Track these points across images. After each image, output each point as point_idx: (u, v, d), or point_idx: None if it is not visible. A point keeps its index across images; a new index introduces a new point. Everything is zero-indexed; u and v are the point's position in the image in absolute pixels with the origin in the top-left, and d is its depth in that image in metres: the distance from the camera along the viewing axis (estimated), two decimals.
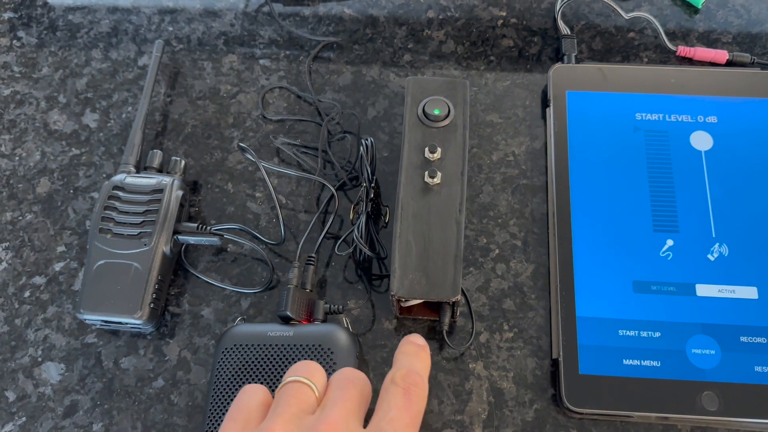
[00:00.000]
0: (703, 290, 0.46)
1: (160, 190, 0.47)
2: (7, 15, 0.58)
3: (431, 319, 0.46)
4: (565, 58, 0.53)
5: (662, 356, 0.44)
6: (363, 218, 0.46)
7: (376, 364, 0.45)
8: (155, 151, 0.50)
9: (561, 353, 0.44)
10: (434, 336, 0.46)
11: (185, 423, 0.44)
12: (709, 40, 0.55)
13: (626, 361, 0.44)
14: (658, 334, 0.44)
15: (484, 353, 0.45)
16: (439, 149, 0.45)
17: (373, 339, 0.46)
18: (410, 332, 0.46)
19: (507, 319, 0.46)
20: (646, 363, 0.44)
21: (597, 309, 0.45)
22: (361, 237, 0.45)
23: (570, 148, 0.50)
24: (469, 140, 0.45)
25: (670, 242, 0.47)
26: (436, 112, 0.46)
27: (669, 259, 0.46)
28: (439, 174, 0.44)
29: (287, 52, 0.55)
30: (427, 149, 0.45)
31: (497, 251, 0.48)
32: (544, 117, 0.52)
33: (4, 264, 0.49)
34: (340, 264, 0.48)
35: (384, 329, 0.46)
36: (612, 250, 0.47)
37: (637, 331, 0.44)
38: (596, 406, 0.43)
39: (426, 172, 0.44)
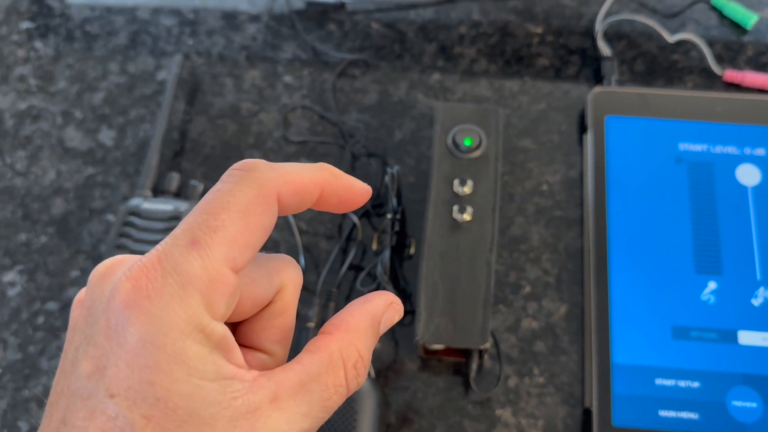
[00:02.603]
0: (746, 338, 0.43)
1: (177, 217, 0.45)
2: (24, 25, 0.56)
3: (457, 360, 0.44)
4: (605, 80, 0.50)
5: (701, 408, 0.41)
6: (387, 253, 0.44)
7: (398, 407, 0.43)
8: (173, 174, 0.48)
9: (594, 402, 0.41)
10: (460, 376, 0.44)
11: None
12: (758, 63, 0.52)
13: (663, 413, 0.41)
14: (697, 384, 0.42)
15: (512, 399, 0.43)
16: (469, 182, 0.42)
17: (396, 380, 0.44)
18: (434, 373, 0.44)
19: (538, 363, 0.44)
20: (684, 415, 0.41)
21: (633, 356, 0.43)
22: (385, 273, 0.43)
23: (608, 178, 0.47)
24: (501, 171, 0.43)
25: (712, 285, 0.44)
26: (467, 143, 0.43)
27: (711, 303, 0.44)
28: (469, 209, 0.42)
29: (311, 69, 0.53)
30: (456, 182, 0.42)
31: (528, 288, 0.46)
32: (581, 143, 0.49)
33: (18, 287, 0.48)
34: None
35: (407, 369, 0.44)
36: (651, 292, 0.44)
37: (675, 381, 0.42)
38: None
39: (455, 207, 0.42)
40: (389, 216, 0.45)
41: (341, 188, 0.24)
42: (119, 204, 0.49)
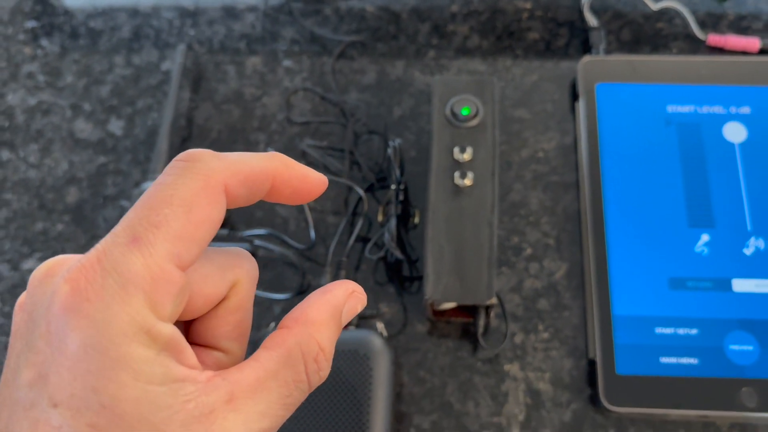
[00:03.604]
0: (739, 285, 0.45)
1: None
2: (29, 24, 0.58)
3: (465, 321, 0.45)
4: (593, 50, 0.52)
5: (700, 353, 0.43)
6: (393, 221, 0.46)
7: (410, 368, 0.45)
8: None
9: (598, 353, 0.43)
10: (468, 337, 0.46)
11: None
12: (740, 27, 0.54)
13: (663, 359, 0.43)
14: (695, 331, 0.44)
15: (519, 354, 0.45)
16: (469, 149, 0.44)
17: (406, 342, 0.46)
18: (443, 334, 0.46)
19: (542, 320, 0.46)
20: (684, 361, 0.43)
21: (633, 307, 0.45)
22: (392, 240, 0.45)
23: (601, 142, 0.49)
24: (498, 138, 0.44)
25: (705, 237, 0.46)
26: (465, 112, 0.45)
27: (704, 254, 0.46)
28: (470, 175, 0.43)
29: (310, 53, 0.55)
30: (456, 150, 0.44)
31: (530, 250, 0.47)
32: (573, 111, 0.51)
33: None
34: (369, 267, 0.48)
35: (417, 332, 0.46)
36: (646, 247, 0.46)
37: (673, 329, 0.44)
38: (634, 405, 0.42)
39: (456, 174, 0.44)
40: (393, 186, 0.47)
41: (294, 178, 0.23)
42: (132, 190, 0.51)
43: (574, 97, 0.52)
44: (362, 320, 0.44)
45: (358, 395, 0.40)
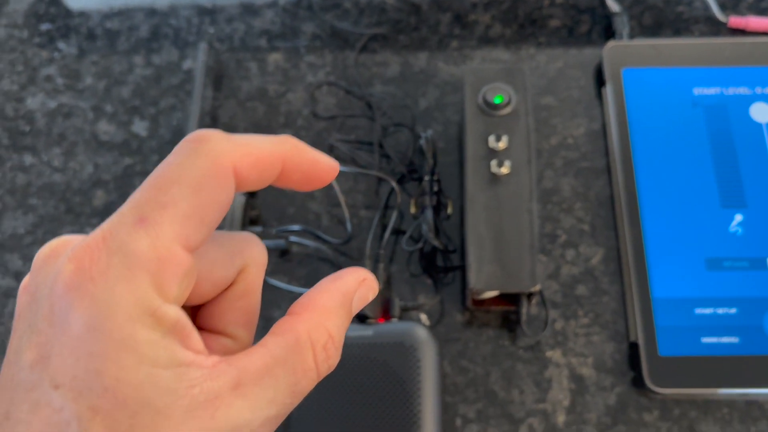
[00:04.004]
0: None
1: None
2: (44, 26, 0.57)
3: (505, 309, 0.45)
4: (617, 35, 0.52)
5: (740, 332, 0.44)
6: (429, 212, 0.46)
7: (452, 358, 0.45)
8: None
9: (640, 336, 0.44)
10: (508, 326, 0.46)
11: None
12: (759, 8, 0.54)
13: (705, 339, 0.44)
14: (734, 311, 0.44)
15: (560, 341, 0.45)
16: (504, 137, 0.44)
17: (446, 332, 0.46)
18: (483, 323, 0.46)
19: (581, 305, 0.46)
20: (725, 340, 0.44)
21: (672, 289, 0.45)
22: (430, 231, 0.45)
23: (631, 127, 0.49)
24: (532, 125, 0.44)
25: (738, 217, 0.46)
26: (497, 100, 0.45)
27: (739, 234, 0.46)
28: (507, 163, 0.43)
29: (332, 47, 0.55)
30: (492, 138, 0.44)
31: (565, 237, 0.48)
32: (599, 96, 0.51)
33: None
34: (402, 259, 0.48)
35: (456, 322, 0.46)
36: (682, 229, 0.46)
37: (713, 309, 0.44)
38: (678, 386, 0.43)
39: (493, 162, 0.44)
40: (427, 178, 0.47)
41: (305, 163, 0.22)
42: None
43: (600, 82, 0.52)
44: (404, 312, 0.44)
45: (407, 387, 0.40)
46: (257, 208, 0.50)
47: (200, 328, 0.23)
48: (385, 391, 0.40)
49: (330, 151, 0.51)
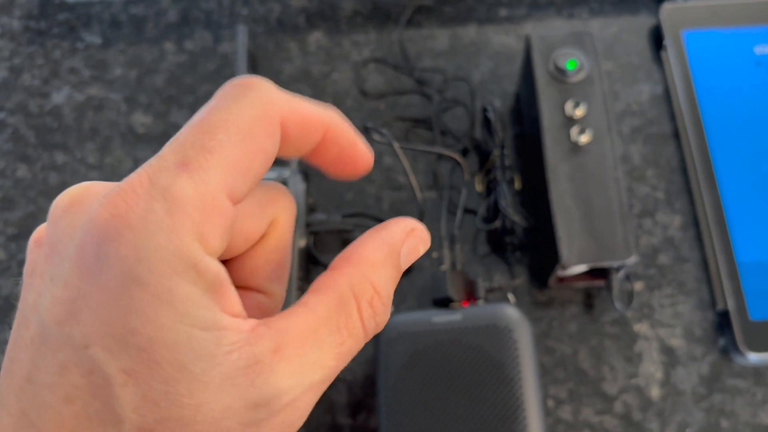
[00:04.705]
0: None
1: (284, 183, 0.44)
2: (63, 16, 0.54)
3: (587, 286, 0.44)
4: None
5: None
6: (504, 187, 0.44)
7: (537, 338, 0.43)
8: None
9: (729, 302, 0.42)
10: (590, 301, 0.44)
11: (350, 422, 0.42)
12: None
13: None
14: None
15: (646, 313, 0.44)
16: (582, 104, 0.42)
17: (528, 312, 0.44)
18: (565, 301, 0.44)
19: (663, 275, 0.44)
20: None
21: (756, 252, 0.44)
22: (508, 206, 0.43)
23: (697, 89, 0.48)
24: (607, 90, 0.43)
25: None
26: (570, 66, 0.43)
27: None
28: (588, 131, 0.42)
29: (375, 22, 0.52)
30: (569, 105, 0.42)
31: (640, 206, 0.46)
32: (658, 60, 0.50)
33: None
34: (468, 241, 0.46)
35: (537, 301, 0.44)
36: (760, 189, 0.45)
37: None
38: None
39: (572, 131, 0.42)
40: (497, 152, 0.45)
41: (345, 139, 0.21)
42: None
43: (657, 46, 0.50)
44: (489, 294, 0.42)
45: (506, 370, 0.38)
46: (312, 195, 0.47)
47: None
48: (483, 376, 0.38)
49: (386, 129, 0.49)
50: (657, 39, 0.50)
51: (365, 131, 0.45)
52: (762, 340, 0.42)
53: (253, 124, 0.18)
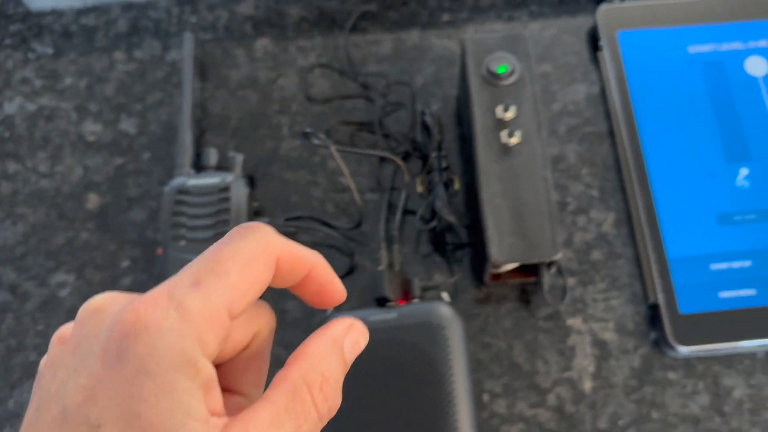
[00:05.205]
0: None
1: (226, 188, 0.45)
2: (15, 27, 0.55)
3: (523, 282, 0.45)
4: None
5: (756, 283, 0.44)
6: (441, 188, 0.45)
7: (473, 334, 0.44)
8: (210, 149, 0.48)
9: (660, 296, 0.44)
10: (525, 297, 0.45)
11: None
12: None
13: (723, 294, 0.44)
14: (748, 263, 0.45)
15: (580, 308, 0.45)
16: (512, 107, 0.43)
17: (465, 309, 0.45)
18: (500, 297, 0.45)
19: (597, 270, 0.46)
20: (742, 293, 0.44)
21: (686, 247, 0.45)
22: (444, 207, 0.44)
23: (631, 89, 0.49)
24: (538, 92, 0.44)
25: (744, 171, 0.47)
26: (501, 69, 0.44)
27: (746, 187, 0.46)
28: (517, 132, 0.43)
29: (320, 28, 0.53)
30: (499, 109, 0.44)
31: (575, 204, 0.47)
32: (595, 61, 0.51)
33: (69, 288, 0.47)
34: (411, 240, 0.47)
35: (473, 298, 0.45)
36: (690, 187, 0.46)
37: (728, 263, 0.45)
38: (700, 342, 0.43)
39: (502, 133, 0.43)
40: (434, 154, 0.46)
41: (324, 277, 0.25)
42: (157, 189, 0.49)
43: (594, 46, 0.51)
44: (424, 292, 0.44)
45: (438, 366, 0.39)
46: (258, 200, 0.48)
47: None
48: (415, 372, 0.39)
49: (329, 135, 0.50)
50: (594, 40, 0.51)
51: (305, 136, 0.47)
52: (690, 333, 0.43)
53: (255, 258, 0.22)
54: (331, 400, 0.24)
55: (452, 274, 0.46)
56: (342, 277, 0.46)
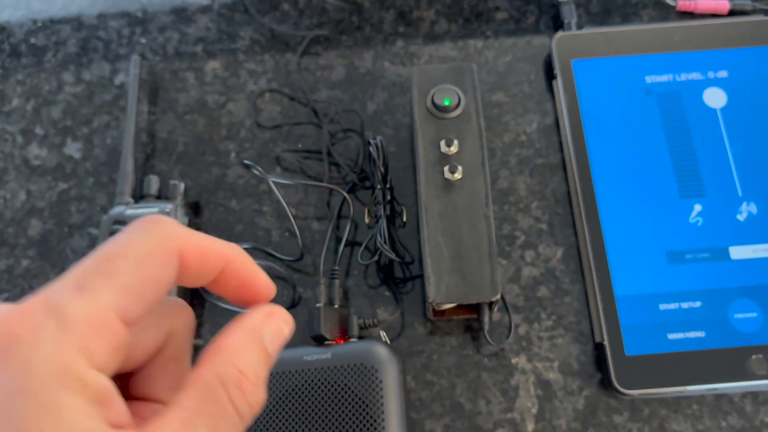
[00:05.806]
0: (737, 252, 0.45)
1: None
2: None
3: (467, 318, 0.44)
4: (565, 25, 0.51)
5: (706, 325, 0.43)
6: (383, 223, 0.44)
7: (415, 372, 0.43)
8: (151, 177, 0.47)
9: (605, 336, 0.43)
10: (471, 334, 0.44)
11: None
12: None
13: (671, 336, 0.43)
14: (698, 304, 0.43)
15: (525, 346, 0.44)
16: (455, 142, 0.42)
17: (408, 345, 0.44)
18: (445, 333, 0.44)
19: (543, 308, 0.45)
20: (691, 335, 0.43)
21: (634, 286, 0.44)
22: (385, 242, 0.43)
23: (584, 120, 0.48)
24: (483, 126, 0.43)
25: (698, 207, 0.46)
26: (446, 102, 0.43)
27: (699, 225, 0.45)
28: (459, 168, 0.42)
29: (272, 52, 0.52)
30: (443, 143, 0.43)
31: (523, 237, 0.46)
32: (551, 90, 0.50)
33: None
34: (359, 271, 0.46)
35: (417, 334, 0.44)
36: (641, 223, 0.45)
37: (677, 303, 0.43)
38: (646, 386, 0.42)
39: (446, 168, 0.42)
40: (379, 186, 0.45)
41: (245, 273, 0.23)
42: (99, 216, 0.48)
43: (550, 75, 0.50)
44: (363, 330, 0.43)
45: (370, 410, 0.38)
46: (202, 227, 0.47)
47: (133, 397, 0.22)
48: (347, 416, 0.38)
49: (276, 163, 0.49)
50: (550, 68, 0.50)
51: (245, 167, 0.46)
52: (636, 377, 0.42)
53: (150, 254, 0.20)
54: (252, 396, 0.21)
55: (400, 306, 0.45)
56: (287, 309, 0.45)
